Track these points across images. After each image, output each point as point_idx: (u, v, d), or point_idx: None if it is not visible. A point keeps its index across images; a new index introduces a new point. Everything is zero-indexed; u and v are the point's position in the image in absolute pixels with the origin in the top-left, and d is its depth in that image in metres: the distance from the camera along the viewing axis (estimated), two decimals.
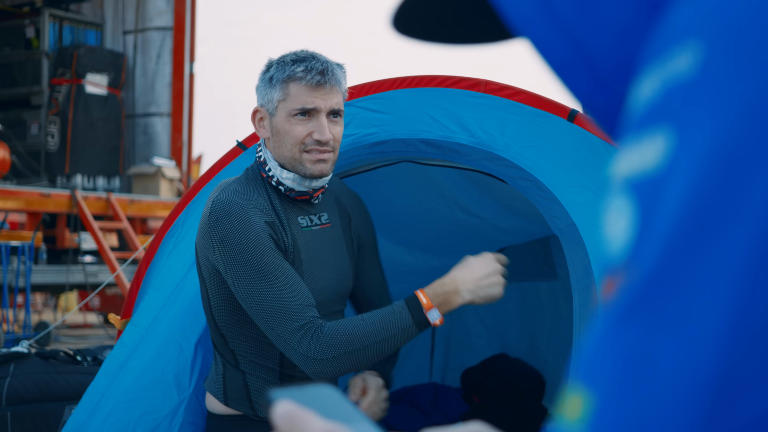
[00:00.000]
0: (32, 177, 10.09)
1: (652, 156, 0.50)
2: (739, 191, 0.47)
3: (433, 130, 2.99)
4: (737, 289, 0.46)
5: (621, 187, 0.52)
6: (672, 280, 0.48)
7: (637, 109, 0.53)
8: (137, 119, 11.00)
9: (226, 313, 2.71)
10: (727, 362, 0.46)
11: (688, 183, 0.48)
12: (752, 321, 0.46)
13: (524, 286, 5.02)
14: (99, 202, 9.99)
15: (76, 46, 10.36)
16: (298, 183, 2.72)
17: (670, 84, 0.51)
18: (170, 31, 10.99)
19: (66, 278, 9.46)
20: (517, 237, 4.44)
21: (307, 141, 2.68)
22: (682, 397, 0.46)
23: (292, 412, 0.68)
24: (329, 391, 0.73)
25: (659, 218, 0.49)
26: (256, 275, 2.56)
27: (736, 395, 0.46)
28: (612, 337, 0.49)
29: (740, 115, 0.47)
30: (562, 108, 2.86)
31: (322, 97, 2.68)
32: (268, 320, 2.55)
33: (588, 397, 0.50)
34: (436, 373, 5.09)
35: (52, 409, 4.56)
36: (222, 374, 2.79)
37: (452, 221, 4.07)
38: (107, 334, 9.74)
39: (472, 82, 2.98)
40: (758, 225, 0.46)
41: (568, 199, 2.75)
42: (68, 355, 4.88)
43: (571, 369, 0.53)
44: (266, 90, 2.72)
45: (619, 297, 0.50)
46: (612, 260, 0.52)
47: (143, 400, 2.99)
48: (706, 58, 0.49)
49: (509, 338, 5.01)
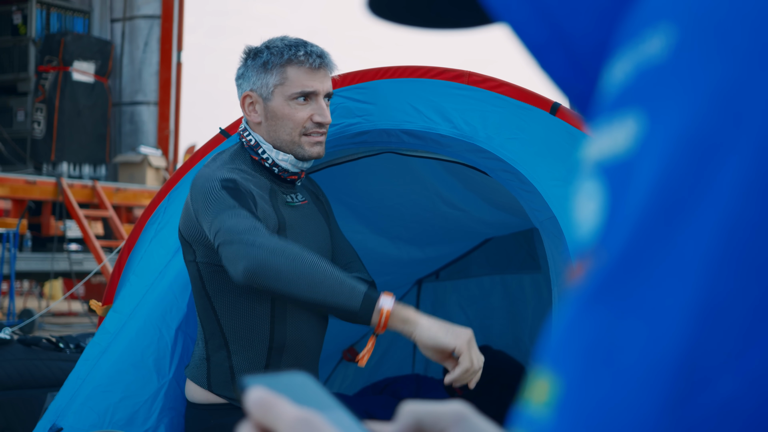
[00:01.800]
0: (18, 164, 10.05)
1: (622, 139, 0.50)
2: (708, 176, 0.46)
3: (416, 121, 2.99)
4: (704, 274, 0.46)
5: (591, 171, 0.52)
6: (640, 263, 0.47)
7: (608, 92, 0.53)
8: (124, 107, 10.98)
9: (219, 283, 2.71)
10: (694, 346, 0.45)
11: (658, 167, 0.48)
12: (719, 306, 0.45)
13: (507, 279, 5.03)
14: (85, 190, 9.97)
15: (64, 34, 10.32)
16: (293, 164, 2.78)
17: (642, 67, 0.50)
18: (158, 19, 10.97)
19: (51, 266, 9.44)
20: (500, 229, 4.45)
21: (308, 125, 2.74)
22: (650, 381, 0.46)
23: (265, 398, 0.67)
24: (304, 379, 0.73)
25: (628, 202, 0.49)
26: (226, 206, 2.56)
27: (703, 379, 0.45)
28: (579, 320, 0.49)
29: (711, 99, 0.47)
30: (545, 101, 2.86)
31: (320, 80, 2.75)
32: (225, 228, 2.52)
33: (555, 381, 0.49)
34: (419, 365, 5.10)
35: (33, 396, 4.54)
36: (206, 358, 2.78)
37: (435, 213, 4.07)
38: (91, 322, 9.72)
39: (455, 74, 2.98)
40: (725, 209, 0.46)
41: (549, 192, 2.76)
42: (51, 342, 4.87)
43: (538, 353, 0.53)
44: (259, 75, 2.75)
45: (588, 280, 0.49)
46: (581, 244, 0.52)
47: (122, 384, 2.99)
48: (679, 41, 0.49)
49: (493, 330, 5.02)
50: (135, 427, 2.95)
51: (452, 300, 5.11)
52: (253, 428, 0.68)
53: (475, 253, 5.05)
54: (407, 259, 4.52)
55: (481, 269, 5.07)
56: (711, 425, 0.45)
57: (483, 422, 0.73)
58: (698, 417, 0.45)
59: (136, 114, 10.95)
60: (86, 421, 2.96)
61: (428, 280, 5.15)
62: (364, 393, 4.58)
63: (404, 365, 5.05)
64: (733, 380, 0.45)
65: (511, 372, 4.57)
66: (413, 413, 0.71)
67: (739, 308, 0.45)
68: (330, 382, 4.86)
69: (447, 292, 5.13)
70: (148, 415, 2.97)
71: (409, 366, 5.07)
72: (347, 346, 4.89)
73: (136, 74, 10.94)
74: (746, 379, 0.45)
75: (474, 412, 0.73)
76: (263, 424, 0.67)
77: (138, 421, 2.97)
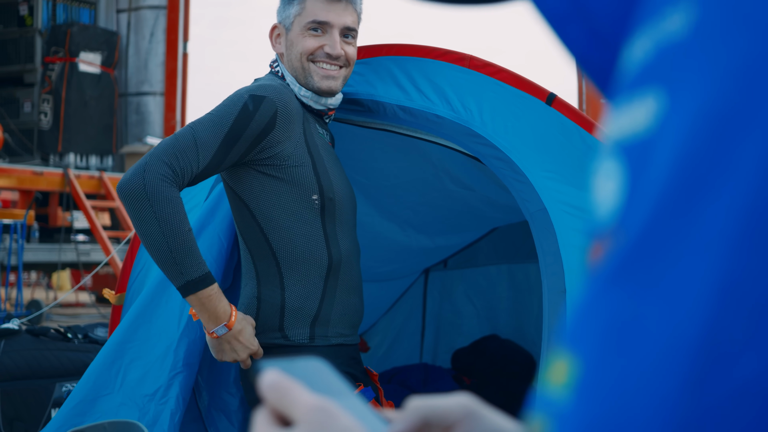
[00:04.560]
0: (25, 155, 10.06)
1: (642, 118, 0.50)
2: (727, 155, 0.46)
3: (415, 99, 3.00)
4: (724, 253, 0.45)
5: (611, 150, 0.52)
6: (660, 243, 0.47)
7: (628, 70, 0.52)
8: (130, 98, 10.97)
9: (267, 206, 2.72)
10: (713, 326, 0.45)
11: (678, 145, 0.47)
12: (740, 286, 0.45)
13: (514, 268, 5.03)
14: (92, 180, 9.98)
15: (70, 24, 10.32)
16: (315, 101, 2.82)
17: (661, 45, 0.50)
18: (164, 10, 10.95)
19: (58, 257, 9.45)
20: (508, 214, 4.42)
21: (318, 53, 2.79)
22: (669, 362, 0.45)
23: (281, 382, 0.67)
24: (319, 365, 0.73)
25: (648, 181, 0.48)
26: (216, 114, 2.62)
27: (723, 360, 0.45)
28: (598, 301, 0.49)
29: (731, 78, 0.47)
30: (542, 90, 2.87)
31: (337, 12, 2.80)
32: (162, 143, 2.58)
33: (574, 362, 0.49)
34: (427, 354, 5.10)
35: (42, 386, 4.56)
36: (257, 297, 2.75)
37: (443, 193, 4.06)
38: (99, 312, 9.74)
39: (457, 56, 2.99)
40: (746, 188, 0.45)
41: (540, 184, 2.75)
42: (59, 332, 4.88)
43: (556, 334, 0.52)
44: (285, 6, 2.85)
45: (607, 261, 0.49)
46: (600, 224, 0.51)
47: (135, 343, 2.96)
48: (699, 19, 0.49)
49: (499, 320, 5.02)
50: (146, 387, 2.92)
51: (459, 290, 5.12)
52: (269, 413, 0.68)
53: (482, 242, 5.05)
54: (416, 248, 4.52)
55: (488, 259, 5.07)
56: (731, 405, 0.45)
57: (491, 414, 0.72)
58: (718, 397, 0.45)
59: (142, 104, 10.94)
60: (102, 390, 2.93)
61: (435, 270, 5.15)
62: None
63: (412, 355, 5.06)
64: (753, 360, 0.45)
65: (519, 361, 4.57)
66: (418, 410, 0.71)
67: (759, 287, 0.45)
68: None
69: (454, 282, 5.13)
70: (160, 373, 2.92)
71: (417, 356, 5.07)
72: None
73: (142, 65, 10.93)
74: (767, 358, 0.45)
75: (481, 404, 0.73)
76: (278, 409, 0.67)
77: (149, 381, 2.93)
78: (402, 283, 5.02)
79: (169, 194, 2.48)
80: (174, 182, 2.50)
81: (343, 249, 2.77)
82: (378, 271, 4.50)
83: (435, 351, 5.11)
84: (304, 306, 2.71)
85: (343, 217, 2.78)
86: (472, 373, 4.60)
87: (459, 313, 5.12)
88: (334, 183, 2.75)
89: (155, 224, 2.47)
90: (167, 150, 2.52)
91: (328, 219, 2.74)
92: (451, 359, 4.82)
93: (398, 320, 5.07)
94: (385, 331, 5.03)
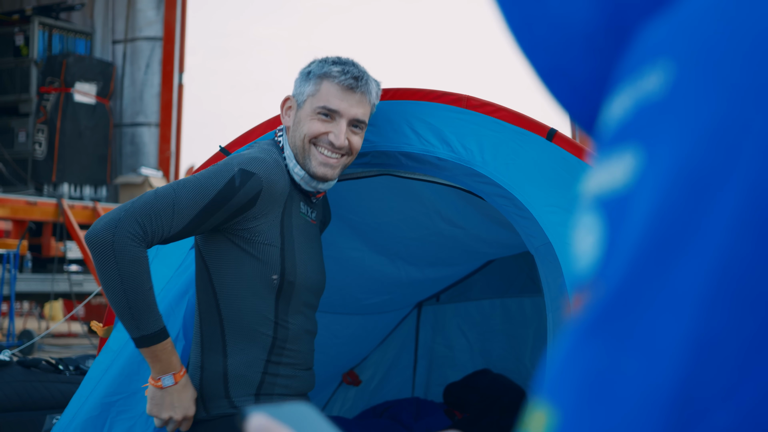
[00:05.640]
0: (19, 185, 10.06)
1: (620, 174, 0.51)
2: (702, 211, 0.47)
3: (415, 144, 3.00)
4: (699, 308, 0.46)
5: (590, 205, 0.53)
6: (636, 296, 0.48)
7: (608, 127, 0.54)
8: (125, 129, 10.99)
9: (227, 274, 2.73)
10: (689, 379, 0.46)
11: (654, 201, 0.48)
12: (714, 340, 0.46)
13: (508, 302, 5.03)
14: (85, 211, 9.97)
15: (66, 55, 10.34)
16: (306, 182, 2.81)
17: (640, 103, 0.51)
18: (160, 41, 10.99)
19: (51, 287, 9.43)
20: (501, 249, 4.44)
21: (322, 138, 2.77)
22: (645, 414, 0.46)
23: (267, 426, 0.68)
24: (306, 409, 0.73)
25: (625, 236, 0.49)
26: (201, 180, 2.62)
27: (699, 413, 0.46)
28: (577, 352, 0.49)
29: (707, 136, 0.48)
30: (542, 126, 2.87)
31: (350, 103, 2.78)
32: (141, 199, 2.58)
33: (552, 413, 0.50)
34: (419, 388, 5.09)
35: (32, 418, 4.53)
36: (199, 366, 2.78)
37: (434, 231, 4.07)
38: (91, 343, 9.70)
39: (454, 97, 2.99)
40: (720, 244, 0.46)
41: (544, 219, 2.76)
42: (50, 363, 4.86)
43: (536, 384, 0.53)
44: (301, 82, 2.84)
45: (586, 313, 0.50)
46: (580, 277, 0.52)
47: (123, 396, 2.98)
48: (676, 78, 0.50)
49: (493, 353, 5.01)
50: None
51: (453, 323, 5.11)
52: None
53: (475, 276, 5.05)
54: (406, 280, 4.52)
55: (482, 292, 5.07)
56: None
57: None
58: None
59: (137, 135, 10.95)
60: None
61: (428, 303, 5.14)
62: (364, 416, 4.58)
63: (404, 388, 5.04)
64: (728, 413, 0.46)
65: (511, 395, 4.56)
66: None
67: (733, 342, 0.46)
68: (330, 405, 4.85)
69: (447, 316, 5.12)
70: (147, 427, 2.94)
71: (409, 389, 5.06)
72: (347, 369, 4.88)
73: (137, 95, 10.95)
74: (741, 411, 0.45)
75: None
76: None
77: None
78: (394, 316, 5.01)
79: (135, 254, 2.50)
80: (143, 241, 2.53)
81: (292, 329, 2.79)
82: (367, 303, 4.50)
83: (427, 385, 5.09)
84: (248, 374, 2.74)
85: (300, 299, 2.80)
86: (464, 408, 4.60)
87: (452, 347, 5.11)
88: (299, 267, 2.76)
89: (117, 280, 2.50)
90: (143, 209, 2.54)
91: (283, 299, 2.76)
92: (443, 393, 4.81)
93: (390, 353, 5.05)
94: (377, 364, 5.02)
